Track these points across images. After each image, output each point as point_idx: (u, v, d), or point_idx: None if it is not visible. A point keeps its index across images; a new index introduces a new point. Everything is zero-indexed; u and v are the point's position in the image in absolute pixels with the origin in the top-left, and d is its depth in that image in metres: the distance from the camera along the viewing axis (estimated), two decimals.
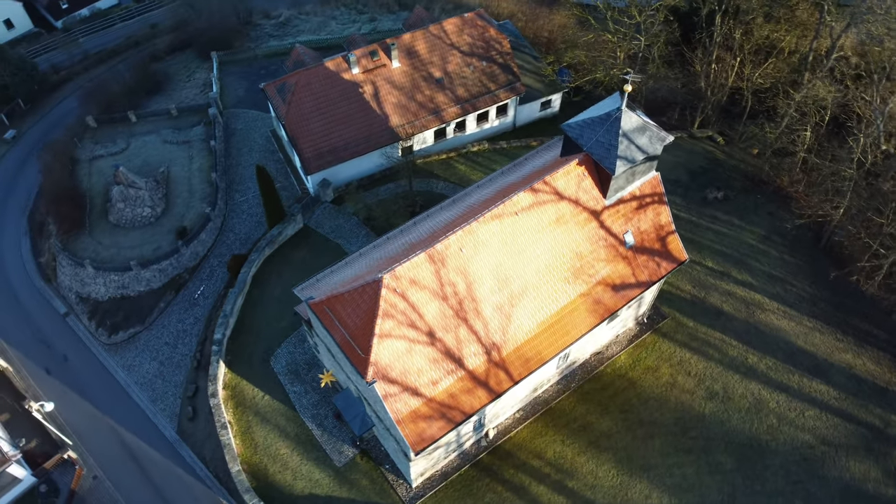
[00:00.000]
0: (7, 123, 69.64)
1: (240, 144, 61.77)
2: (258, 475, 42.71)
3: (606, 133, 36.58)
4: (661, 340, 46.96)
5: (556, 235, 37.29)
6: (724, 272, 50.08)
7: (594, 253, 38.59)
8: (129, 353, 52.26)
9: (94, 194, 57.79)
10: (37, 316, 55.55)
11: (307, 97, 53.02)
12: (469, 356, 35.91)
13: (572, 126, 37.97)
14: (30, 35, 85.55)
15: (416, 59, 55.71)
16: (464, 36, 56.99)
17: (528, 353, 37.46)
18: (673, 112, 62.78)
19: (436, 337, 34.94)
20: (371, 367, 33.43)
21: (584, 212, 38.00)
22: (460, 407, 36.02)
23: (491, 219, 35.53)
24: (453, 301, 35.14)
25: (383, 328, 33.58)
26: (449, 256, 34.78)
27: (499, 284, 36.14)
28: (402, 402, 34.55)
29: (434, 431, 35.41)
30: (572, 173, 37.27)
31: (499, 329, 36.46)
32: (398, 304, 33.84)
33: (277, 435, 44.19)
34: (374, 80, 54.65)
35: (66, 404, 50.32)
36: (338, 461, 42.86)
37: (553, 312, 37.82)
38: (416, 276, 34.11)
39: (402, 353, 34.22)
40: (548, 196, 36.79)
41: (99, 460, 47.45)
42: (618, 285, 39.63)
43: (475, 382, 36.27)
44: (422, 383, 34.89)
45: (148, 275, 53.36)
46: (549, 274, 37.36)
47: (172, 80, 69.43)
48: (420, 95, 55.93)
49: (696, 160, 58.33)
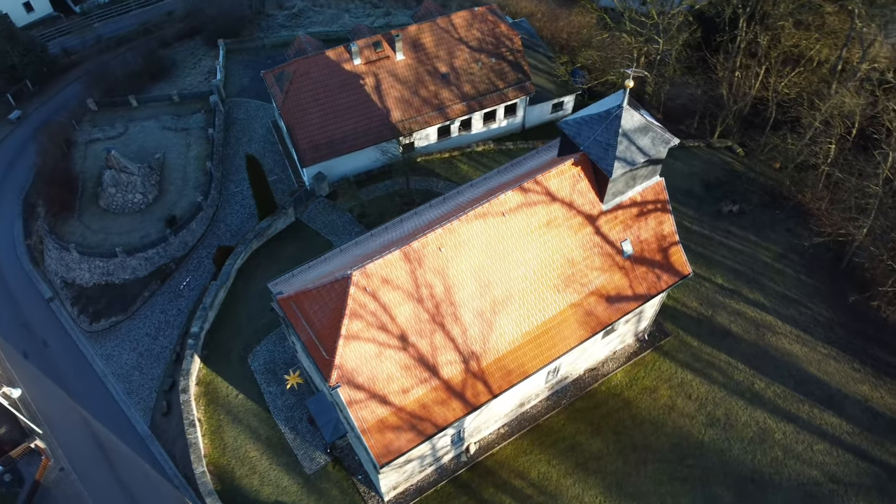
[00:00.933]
0: (13, 104, 68.87)
1: (239, 134, 60.08)
2: (224, 478, 40.55)
3: (605, 132, 33.90)
4: (662, 359, 43.93)
5: (546, 239, 34.64)
6: (734, 290, 46.88)
7: (588, 261, 35.84)
8: (109, 343, 50.64)
9: (87, 178, 56.46)
10: (21, 299, 54.26)
11: (305, 86, 51.07)
12: (444, 365, 33.37)
13: (570, 123, 35.35)
14: (49, 18, 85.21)
15: (421, 53, 53.50)
16: (473, 31, 54.65)
17: (510, 365, 34.80)
18: (692, 120, 59.70)
19: (408, 342, 32.47)
20: (335, 370, 31.08)
21: (579, 216, 35.29)
22: (432, 419, 33.46)
23: (474, 218, 33.02)
24: (429, 304, 32.66)
25: (350, 329, 31.22)
26: (426, 256, 32.32)
27: (480, 289, 33.58)
28: (369, 410, 32.12)
29: (402, 443, 32.90)
30: (567, 174, 34.62)
31: (479, 337, 33.87)
32: (368, 305, 31.47)
33: (248, 436, 42.02)
34: (376, 72, 52.53)
35: (39, 391, 48.80)
36: (308, 468, 40.53)
37: (540, 323, 35.12)
38: (389, 275, 31.71)
39: (371, 357, 31.81)
40: (539, 197, 34.17)
41: (67, 452, 45.75)
42: (613, 297, 36.79)
43: (450, 393, 33.70)
44: (391, 391, 32.43)
45: (134, 262, 51.74)
46: (536, 281, 34.70)
47: (179, 66, 68.18)
48: (424, 90, 53.68)
49: (712, 171, 55.17)
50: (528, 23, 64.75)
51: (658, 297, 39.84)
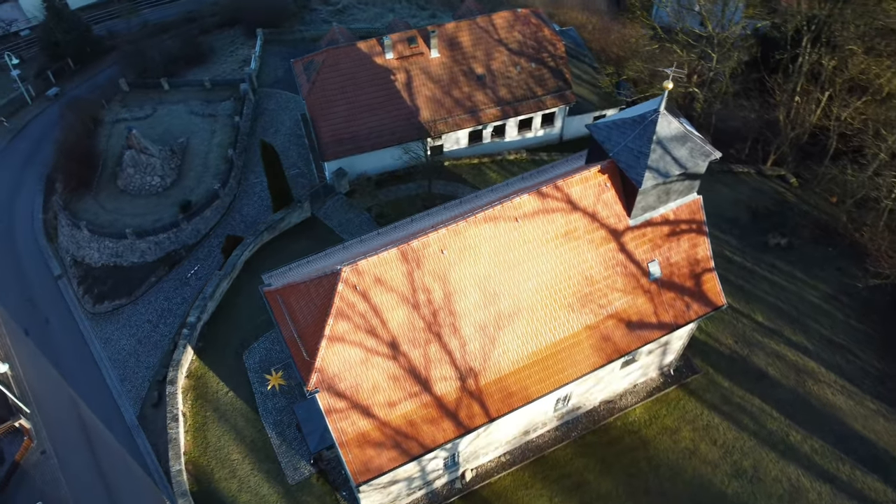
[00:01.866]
0: (53, 80, 68.93)
1: (266, 125, 58.41)
2: (202, 478, 38.05)
3: (638, 138, 30.54)
4: (688, 398, 39.89)
5: (562, 252, 31.32)
6: (775, 330, 42.56)
7: (608, 280, 32.34)
8: (109, 326, 49.02)
9: (109, 157, 55.44)
10: (31, 274, 53.27)
11: (333, 77, 48.97)
12: (438, 380, 30.23)
13: (600, 127, 32.09)
14: (102, 2, 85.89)
15: (457, 52, 50.93)
16: (514, 32, 51.87)
17: (513, 387, 31.45)
18: (743, 145, 55.52)
19: (399, 350, 29.47)
20: (315, 373, 28.26)
21: (602, 229, 31.88)
22: (420, 438, 30.31)
23: (483, 220, 29.95)
24: (426, 311, 29.64)
25: (336, 330, 28.40)
26: (426, 257, 29.36)
27: (485, 299, 30.41)
28: (350, 422, 29.16)
29: (383, 462, 29.82)
30: (591, 181, 31.32)
31: (479, 353, 30.66)
32: (357, 305, 28.62)
33: (233, 437, 39.50)
34: (408, 68, 50.14)
35: (34, 370, 47.36)
36: (291, 478, 37.73)
37: (549, 343, 31.72)
38: (384, 275, 28.83)
39: (356, 363, 28.91)
40: (558, 204, 30.93)
41: (52, 434, 44.00)
42: (634, 323, 33.16)
43: (442, 412, 30.51)
44: (376, 403, 29.43)
45: (143, 246, 50.16)
46: (549, 296, 31.36)
47: (216, 53, 67.29)
48: (457, 91, 51.03)
49: (761, 200, 50.91)
50: (576, 32, 61.75)
51: (686, 328, 36.03)
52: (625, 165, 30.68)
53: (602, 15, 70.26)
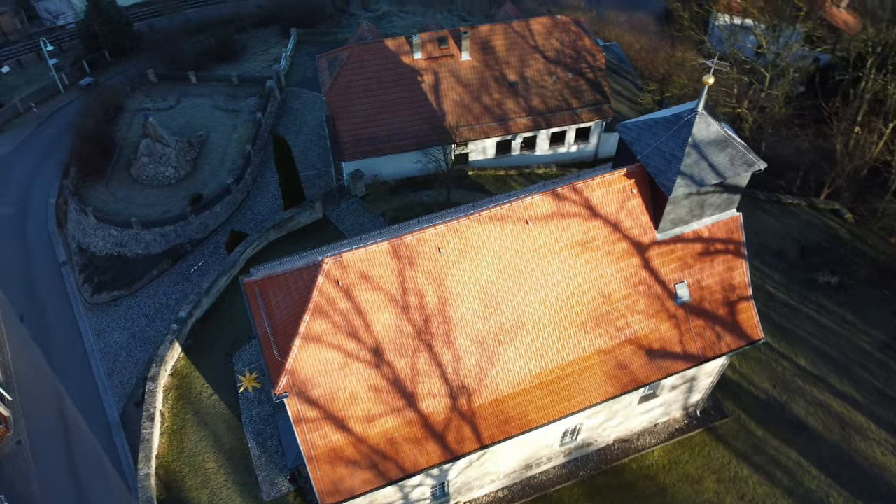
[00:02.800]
0: (88, 71, 68.47)
1: (289, 123, 56.40)
2: (171, 485, 35.07)
3: (671, 139, 27.01)
4: (715, 444, 35.50)
5: (577, 262, 27.76)
6: (819, 377, 37.95)
7: (629, 300, 28.60)
8: (105, 317, 46.88)
9: (126, 146, 54.00)
10: (36, 259, 51.72)
11: (357, 74, 46.62)
12: (426, 396, 26.79)
13: (629, 127, 28.66)
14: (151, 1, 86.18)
15: (490, 56, 48.17)
16: (552, 40, 48.93)
17: (510, 412, 27.78)
18: (795, 175, 51.20)
19: (383, 358, 26.17)
20: (285, 375, 25.13)
21: (624, 241, 28.26)
22: (400, 460, 26.80)
23: (489, 219, 26.67)
24: (416, 316, 26.34)
25: (312, 329, 25.30)
26: (421, 255, 26.15)
27: (485, 309, 26.98)
28: (321, 434, 25.87)
29: (356, 484, 26.37)
30: (615, 186, 27.82)
31: (474, 369, 27.15)
32: (338, 302, 25.51)
33: (210, 443, 36.52)
34: (436, 69, 47.53)
35: (23, 357, 45.35)
36: (266, 493, 34.47)
37: (555, 365, 28.04)
38: (371, 271, 25.70)
39: (333, 368, 25.70)
40: (575, 208, 27.48)
41: (30, 425, 41.68)
42: (655, 351, 29.25)
43: (427, 432, 26.99)
44: (353, 416, 26.11)
45: (148, 237, 48.14)
46: (558, 312, 27.76)
47: (248, 51, 66.04)
48: (487, 97, 48.15)
49: (811, 234, 46.43)
50: (620, 48, 58.56)
51: (716, 363, 31.92)
52: (654, 170, 27.13)
53: (651, 35, 66.96)
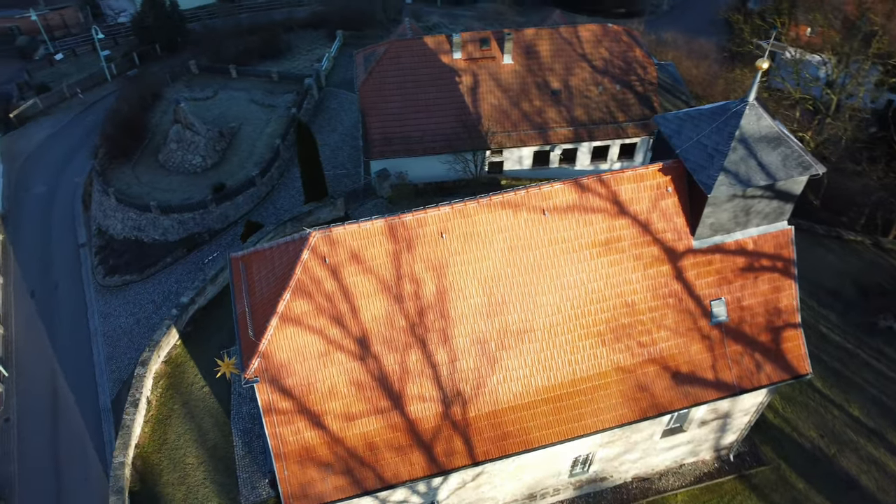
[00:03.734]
0: (136, 63, 68.97)
1: (323, 122, 54.97)
2: (147, 478, 32.63)
3: (716, 132, 23.81)
4: (747, 494, 31.25)
5: (599, 264, 24.57)
6: (875, 430, 33.38)
7: (655, 312, 25.18)
8: (114, 301, 45.57)
9: (158, 132, 53.37)
10: (57, 238, 51.26)
11: (392, 70, 44.77)
12: (415, 398, 23.79)
13: (669, 119, 25.57)
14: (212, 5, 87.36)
15: (533, 61, 45.74)
16: (601, 49, 46.25)
17: (510, 427, 24.50)
18: (859, 213, 46.80)
19: (370, 350, 23.36)
20: (257, 357, 22.54)
21: (655, 245, 24.96)
22: (380, 469, 23.75)
23: (500, 206, 23.80)
24: (410, 307, 23.50)
25: (292, 309, 22.72)
26: (420, 238, 23.41)
27: (489, 306, 23.97)
28: (293, 429, 23.09)
29: (328, 490, 23.40)
30: (648, 182, 24.67)
31: (472, 373, 24.06)
32: (324, 283, 22.91)
33: (194, 437, 34.07)
34: (476, 71, 45.32)
35: (27, 333, 44.35)
36: (245, 497, 31.67)
37: (566, 380, 24.72)
38: (363, 251, 23.06)
39: (312, 356, 23.00)
40: (601, 202, 24.40)
41: (21, 403, 40.35)
42: (683, 375, 25.63)
43: (413, 440, 23.92)
44: (330, 411, 23.28)
45: (166, 223, 46.83)
46: (573, 318, 24.53)
47: (293, 51, 65.60)
48: (527, 104, 45.61)
49: (874, 275, 41.88)
50: (675, 68, 55.47)
51: (754, 398, 28.01)
52: (693, 165, 23.90)
53: (711, 62, 63.63)
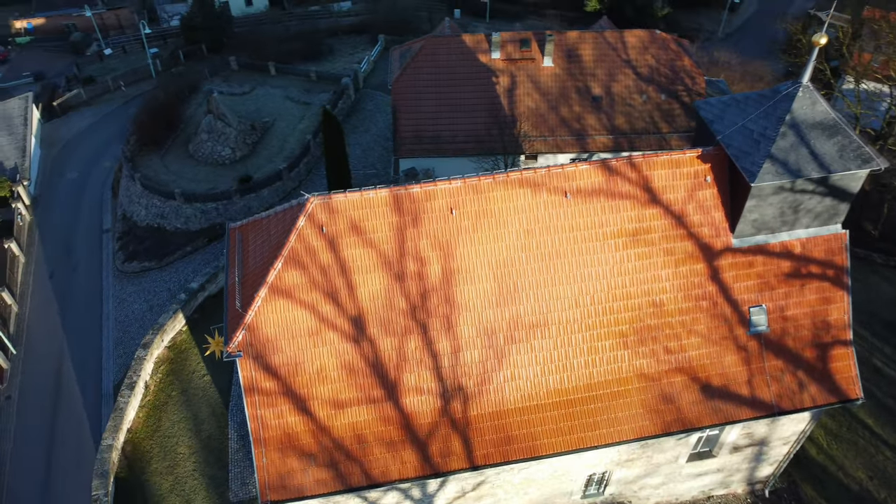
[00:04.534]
0: (182, 61, 69.43)
1: (357, 122, 53.86)
2: (134, 465, 31.01)
3: (763, 117, 21.40)
4: None
5: (625, 256, 22.20)
6: None
7: (686, 315, 22.60)
8: (129, 286, 44.63)
9: (191, 124, 52.98)
10: (83, 223, 50.92)
11: (427, 67, 43.39)
12: (411, 389, 21.63)
13: (711, 104, 23.25)
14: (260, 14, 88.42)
15: (574, 65, 43.83)
16: (647, 56, 44.10)
17: (515, 431, 22.07)
18: None
19: (365, 332, 21.35)
20: (242, 330, 20.74)
21: (689, 240, 22.48)
22: (367, 464, 21.54)
23: (519, 183, 21.71)
24: (412, 288, 21.47)
25: (283, 280, 20.93)
26: (428, 213, 21.45)
27: (500, 294, 21.76)
28: (275, 412, 21.13)
29: (308, 483, 21.28)
30: (685, 169, 22.31)
31: (476, 367, 21.80)
32: (319, 253, 21.08)
33: (189, 426, 32.39)
34: (514, 72, 43.61)
35: (41, 313, 43.65)
36: (234, 494, 29.75)
37: (581, 383, 22.25)
38: (364, 222, 21.21)
39: (302, 333, 21.10)
40: (630, 188, 22.11)
41: (24, 383, 39.37)
42: (715, 388, 22.88)
43: (406, 436, 21.69)
44: (318, 396, 21.27)
45: (189, 211, 45.95)
46: (593, 314, 22.14)
47: (335, 54, 65.20)
48: (565, 109, 43.61)
49: None
50: (726, 84, 52.87)
51: (795, 423, 25.00)
52: (736, 152, 21.48)
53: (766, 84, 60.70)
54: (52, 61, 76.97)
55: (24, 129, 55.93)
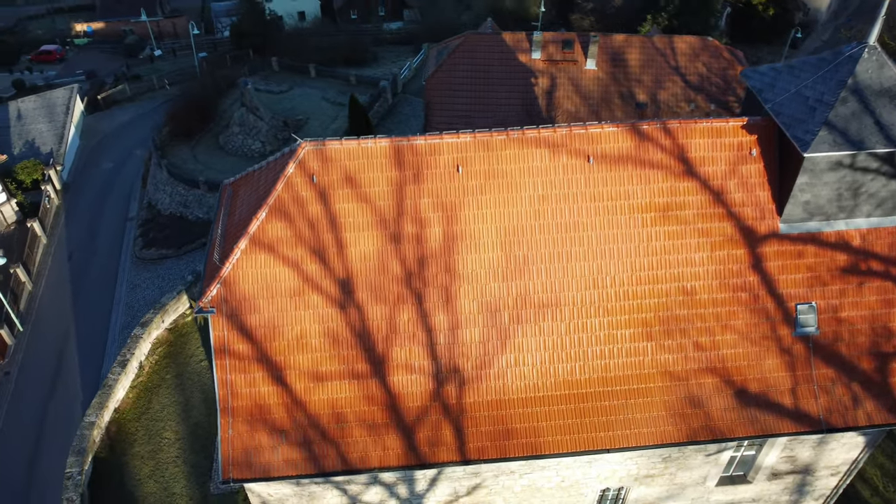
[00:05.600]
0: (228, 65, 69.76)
1: (392, 125, 52.61)
2: (116, 446, 29.10)
3: (821, 81, 18.70)
4: None
5: (653, 234, 19.52)
6: None
7: (722, 308, 19.68)
8: (145, 273, 43.67)
9: (225, 118, 52.41)
10: (110, 210, 50.77)
11: (463, 64, 41.75)
12: (400, 366, 19.18)
13: (762, 72, 20.64)
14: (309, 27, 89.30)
15: (619, 69, 41.59)
16: (697, 63, 41.60)
17: (515, 423, 19.32)
18: None
19: (353, 298, 19.09)
20: (217, 283, 18.74)
21: (729, 221, 19.69)
22: (344, 447, 19.06)
23: (535, 143, 19.38)
24: (409, 251, 19.19)
25: (266, 231, 18.94)
26: (431, 169, 19.27)
27: (507, 266, 19.29)
28: (247, 378, 18.94)
29: (276, 462, 18.89)
30: (727, 139, 19.66)
31: (476, 348, 19.26)
32: (308, 205, 19.05)
33: (177, 411, 30.42)
34: (555, 74, 41.60)
35: (54, 293, 43.08)
36: (215, 486, 27.54)
37: (596, 375, 19.45)
38: (359, 174, 19.13)
39: (284, 292, 18.98)
40: (662, 156, 19.55)
41: (26, 361, 38.41)
42: (752, 396, 19.75)
43: (391, 418, 19.16)
44: (296, 366, 19.01)
45: (212, 201, 44.99)
46: (613, 297, 19.43)
47: (378, 61, 64.61)
48: (607, 114, 41.28)
49: None
50: None
51: (846, 450, 21.55)
52: (787, 120, 18.76)
53: None
54: (105, 62, 78.65)
55: (64, 118, 56.30)
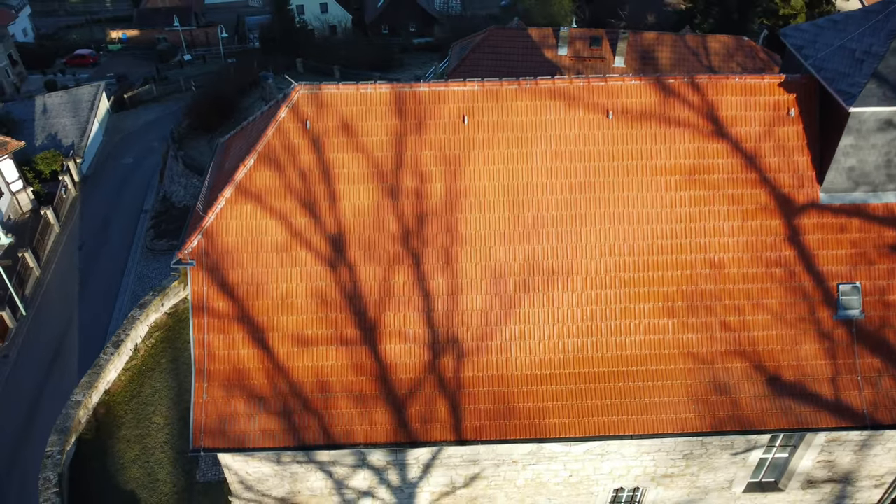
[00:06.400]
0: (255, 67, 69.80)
1: None
2: (103, 428, 27.64)
3: (869, 33, 16.87)
4: None
5: (678, 198, 17.68)
6: None
7: (753, 284, 17.68)
8: (154, 263, 42.77)
9: (246, 114, 51.71)
10: (125, 202, 50.24)
11: (487, 58, 40.52)
12: (393, 334, 17.47)
13: (804, 29, 18.86)
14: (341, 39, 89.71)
15: (649, 67, 40.00)
16: (731, 63, 39.83)
17: (518, 402, 17.41)
18: None
19: (344, 256, 17.50)
20: (199, 234, 17.33)
21: (762, 188, 17.78)
22: (328, 419, 17.31)
23: (550, 94, 17.79)
24: (407, 208, 17.60)
25: (253, 180, 17.54)
26: (435, 119, 17.74)
27: (515, 228, 17.58)
28: (226, 340, 17.38)
29: (252, 432, 17.20)
30: (762, 97, 17.85)
31: (477, 317, 17.48)
32: (300, 153, 17.63)
33: (169, 396, 28.90)
34: (581, 71, 40.18)
35: (61, 281, 42.21)
36: (202, 473, 25.84)
37: (611, 353, 17.52)
38: (357, 121, 17.68)
39: (269, 247, 17.48)
40: (689, 114, 17.79)
41: (26, 345, 37.42)
42: (786, 384, 17.60)
43: (381, 390, 17.39)
44: (280, 327, 17.42)
45: None
46: (630, 267, 17.57)
47: (405, 66, 64.04)
48: None
49: None
50: None
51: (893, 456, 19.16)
52: (830, 75, 16.92)
53: None
54: (137, 67, 79.39)
55: (88, 113, 56.33)
